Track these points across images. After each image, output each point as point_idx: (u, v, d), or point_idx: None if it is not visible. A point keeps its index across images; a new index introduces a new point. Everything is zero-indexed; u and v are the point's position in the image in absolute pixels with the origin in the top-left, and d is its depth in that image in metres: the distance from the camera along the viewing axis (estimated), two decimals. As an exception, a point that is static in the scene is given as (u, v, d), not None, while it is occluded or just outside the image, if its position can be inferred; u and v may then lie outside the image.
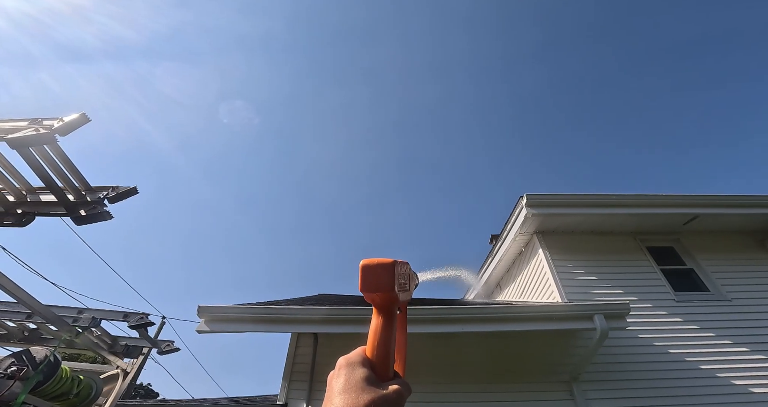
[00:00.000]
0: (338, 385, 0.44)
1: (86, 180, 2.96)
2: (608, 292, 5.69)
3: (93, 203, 3.04)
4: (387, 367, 0.49)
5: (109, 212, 3.08)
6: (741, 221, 6.46)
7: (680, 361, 5.11)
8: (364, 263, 0.50)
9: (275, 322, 4.50)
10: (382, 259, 0.50)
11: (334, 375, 0.47)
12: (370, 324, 0.52)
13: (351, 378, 0.44)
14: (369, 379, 0.45)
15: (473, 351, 4.99)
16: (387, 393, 0.43)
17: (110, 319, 4.04)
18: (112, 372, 4.65)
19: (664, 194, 6.29)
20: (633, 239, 6.50)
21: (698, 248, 6.43)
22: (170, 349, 4.37)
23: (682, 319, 5.51)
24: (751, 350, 5.24)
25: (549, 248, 6.17)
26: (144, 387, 20.05)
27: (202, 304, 4.32)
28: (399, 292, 0.51)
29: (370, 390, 0.43)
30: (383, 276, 0.49)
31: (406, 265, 0.55)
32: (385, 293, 0.50)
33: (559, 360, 4.99)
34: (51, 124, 2.46)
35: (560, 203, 6.14)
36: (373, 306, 0.52)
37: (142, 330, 4.12)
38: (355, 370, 0.45)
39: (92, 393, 4.24)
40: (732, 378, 4.97)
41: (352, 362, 0.47)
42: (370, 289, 0.50)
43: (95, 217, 3.03)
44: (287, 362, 4.92)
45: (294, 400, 4.65)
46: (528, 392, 4.76)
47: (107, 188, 3.08)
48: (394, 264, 0.50)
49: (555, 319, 4.61)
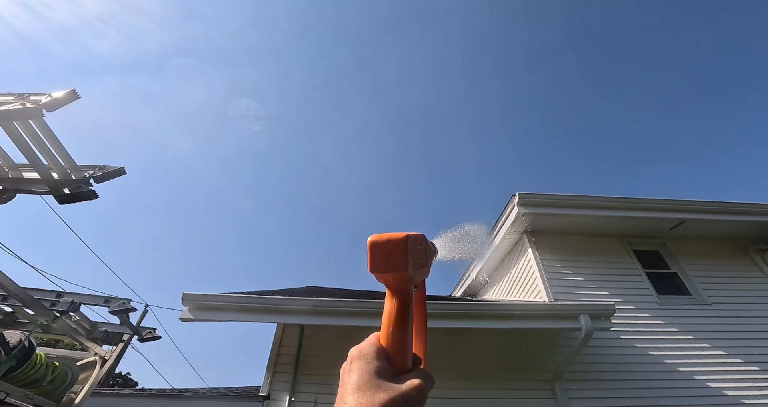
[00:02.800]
0: (351, 381, 0.39)
1: (72, 158, 2.89)
2: (594, 293, 5.83)
3: (78, 182, 2.97)
4: (404, 357, 0.43)
5: (94, 191, 3.02)
6: (725, 228, 6.68)
7: (659, 363, 5.28)
8: (373, 239, 0.44)
9: (261, 312, 4.49)
10: (392, 234, 0.43)
11: (346, 368, 0.42)
12: (384, 308, 0.46)
13: (365, 373, 0.39)
14: (385, 373, 0.40)
15: (459, 348, 5.07)
16: (406, 389, 0.38)
17: (90, 304, 3.97)
18: (89, 359, 4.57)
19: (653, 198, 6.45)
20: (621, 242, 6.66)
21: (683, 253, 6.63)
22: (151, 336, 4.32)
23: (664, 322, 5.69)
24: (727, 353, 5.45)
25: (538, 247, 6.28)
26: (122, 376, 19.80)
27: (187, 291, 4.28)
28: (414, 270, 0.45)
29: (387, 386, 0.38)
30: (395, 254, 0.43)
31: (421, 238, 0.48)
32: (398, 272, 0.44)
33: (543, 358, 5.11)
34: (38, 99, 2.40)
35: (551, 203, 6.25)
36: (386, 288, 0.46)
37: (123, 316, 4.07)
38: (369, 363, 0.40)
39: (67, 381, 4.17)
40: (707, 381, 5.16)
41: (365, 353, 0.42)
42: (381, 269, 0.43)
43: (79, 196, 2.97)
44: (271, 353, 4.92)
45: (277, 392, 4.66)
46: (512, 389, 4.87)
47: (94, 167, 3.02)
48: (406, 239, 0.43)
49: (542, 318, 4.72)
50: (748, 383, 5.18)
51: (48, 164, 2.78)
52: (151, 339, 4.33)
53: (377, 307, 4.52)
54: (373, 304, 4.53)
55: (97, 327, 4.34)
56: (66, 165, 2.88)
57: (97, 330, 4.33)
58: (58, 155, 2.77)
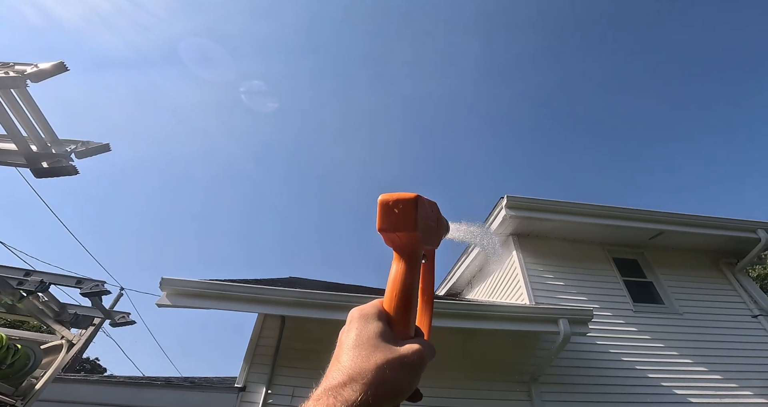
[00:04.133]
0: (348, 340, 0.38)
1: (54, 132, 2.75)
2: (573, 298, 6.00)
3: (58, 156, 2.84)
4: (407, 322, 0.42)
5: (75, 167, 2.89)
6: (700, 241, 6.97)
7: (631, 369, 5.50)
8: (383, 198, 0.43)
9: (242, 301, 4.42)
10: (402, 193, 0.43)
11: (345, 329, 0.41)
12: (390, 271, 0.44)
13: (363, 333, 0.38)
14: (384, 335, 0.38)
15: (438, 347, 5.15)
16: (405, 353, 0.37)
17: (61, 284, 3.81)
18: (55, 343, 4.40)
19: (636, 209, 6.67)
20: (602, 249, 6.87)
21: (659, 263, 6.89)
22: (125, 321, 4.20)
23: (637, 329, 5.92)
24: (693, 362, 5.72)
25: (523, 250, 6.41)
26: (90, 361, 19.22)
27: (166, 276, 4.18)
28: (424, 233, 0.44)
29: (385, 347, 0.36)
30: (404, 213, 0.42)
31: (433, 204, 0.48)
32: (407, 232, 0.43)
33: (521, 361, 5.23)
34: (23, 69, 2.27)
35: (539, 207, 6.37)
36: (394, 250, 0.45)
37: (95, 298, 3.93)
38: (369, 324, 0.39)
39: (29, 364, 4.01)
40: (673, 388, 5.41)
41: (365, 314, 0.41)
42: (390, 228, 0.43)
43: (58, 170, 2.83)
44: (250, 344, 4.86)
45: (253, 383, 4.61)
46: (488, 390, 4.97)
47: (76, 142, 2.88)
48: (416, 199, 0.43)
49: (523, 320, 4.83)
50: (711, 391, 5.46)
51: (27, 136, 2.64)
52: (124, 324, 4.21)
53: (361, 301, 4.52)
54: (358, 298, 4.53)
55: (66, 309, 4.18)
56: (46, 138, 2.74)
57: (66, 313, 4.18)
58: (39, 128, 2.64)
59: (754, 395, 5.49)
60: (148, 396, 4.75)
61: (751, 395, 5.49)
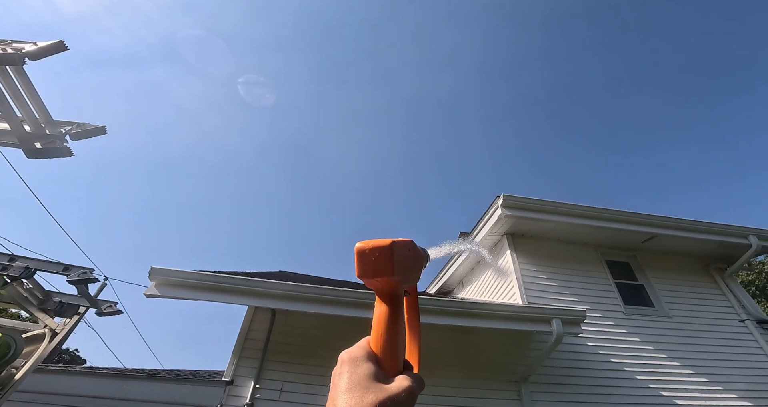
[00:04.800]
0: (342, 384, 0.41)
1: (48, 113, 2.73)
2: (565, 299, 6.12)
3: (52, 137, 2.82)
4: (395, 360, 0.46)
5: (69, 148, 2.87)
6: (692, 245, 7.15)
7: (620, 370, 5.63)
8: (359, 246, 0.47)
9: (233, 293, 4.41)
10: (378, 240, 0.47)
11: (337, 372, 0.45)
12: (374, 313, 0.49)
13: (354, 375, 0.41)
14: (375, 375, 0.42)
15: (430, 345, 5.21)
16: (395, 390, 0.40)
17: (47, 271, 3.79)
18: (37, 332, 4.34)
19: (630, 211, 6.81)
20: (594, 251, 7.01)
21: (651, 266, 7.06)
22: (112, 311, 4.18)
23: (627, 331, 6.06)
24: (681, 364, 5.88)
25: (516, 250, 6.51)
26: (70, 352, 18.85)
27: (156, 265, 4.16)
28: (401, 275, 0.48)
29: (376, 387, 0.40)
30: (381, 260, 0.46)
31: (408, 243, 0.51)
32: (386, 277, 0.47)
33: (512, 360, 5.32)
34: (21, 47, 2.25)
35: (534, 207, 6.48)
36: (375, 293, 0.49)
37: (82, 286, 3.91)
38: (359, 366, 0.43)
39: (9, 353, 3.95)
40: (661, 390, 5.55)
41: (354, 357, 0.44)
42: (368, 274, 0.46)
43: (52, 151, 2.82)
44: (239, 337, 4.86)
45: (241, 377, 4.61)
46: (479, 389, 5.04)
47: (72, 124, 2.86)
48: (391, 246, 0.47)
49: (517, 319, 4.91)
50: (697, 393, 5.62)
51: (21, 117, 2.62)
52: (111, 314, 4.19)
53: (355, 296, 4.55)
54: (352, 293, 4.56)
55: (51, 297, 4.14)
56: (41, 119, 2.72)
57: (50, 301, 4.14)
58: (34, 108, 2.62)
59: (738, 398, 5.67)
60: (132, 388, 4.72)
61: (736, 398, 5.67)
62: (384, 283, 0.48)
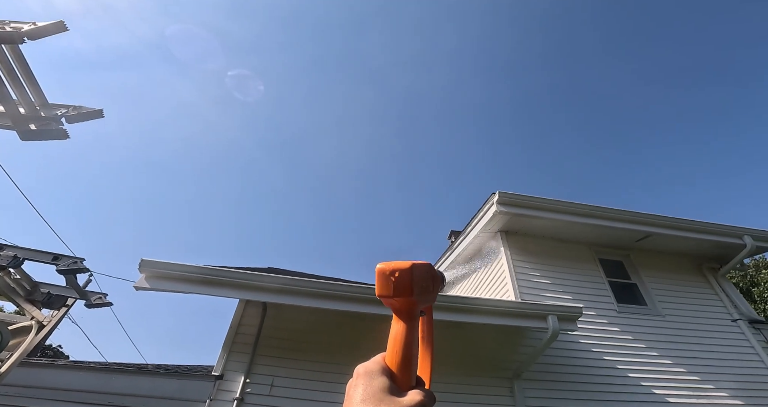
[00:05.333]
0: (356, 396, 0.44)
1: (44, 94, 2.76)
2: (559, 296, 6.20)
3: (47, 119, 2.84)
4: (408, 376, 0.49)
5: (65, 130, 2.89)
6: (685, 245, 7.27)
7: (612, 368, 5.71)
8: (380, 267, 0.51)
9: (224, 286, 4.42)
10: (398, 262, 0.51)
11: (352, 384, 0.47)
12: (391, 330, 0.52)
13: (369, 388, 0.45)
14: (389, 389, 0.45)
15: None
16: (407, 404, 0.43)
17: (36, 260, 3.78)
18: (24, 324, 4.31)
19: (624, 210, 6.92)
20: (588, 249, 7.11)
21: (644, 265, 7.17)
22: (101, 302, 4.17)
23: (620, 329, 6.15)
24: (673, 363, 5.98)
25: (510, 247, 6.59)
26: (53, 348, 18.57)
27: (146, 258, 4.17)
28: (419, 296, 0.52)
29: (390, 400, 0.43)
30: (401, 281, 0.50)
31: (427, 266, 0.55)
32: (404, 297, 0.51)
33: (507, 356, 5.37)
34: (20, 26, 2.28)
35: (529, 205, 6.56)
36: (393, 311, 0.53)
37: (71, 276, 3.90)
38: (374, 379, 0.46)
39: (-5, 346, 3.95)
40: (653, 388, 5.64)
41: (370, 370, 0.48)
42: (388, 294, 0.50)
43: (47, 133, 2.83)
44: (230, 331, 4.86)
45: (231, 372, 4.61)
46: (473, 385, 5.08)
47: (68, 107, 2.89)
48: (411, 268, 0.51)
49: (513, 315, 4.97)
50: (688, 391, 5.72)
51: (17, 100, 2.64)
52: (100, 306, 4.18)
53: (347, 290, 4.59)
54: (344, 287, 4.60)
55: (39, 288, 4.12)
56: (36, 101, 2.74)
57: (38, 291, 4.12)
58: (30, 89, 2.64)
59: (729, 396, 5.77)
60: (118, 382, 4.71)
61: (727, 396, 5.77)
62: (402, 303, 0.51)
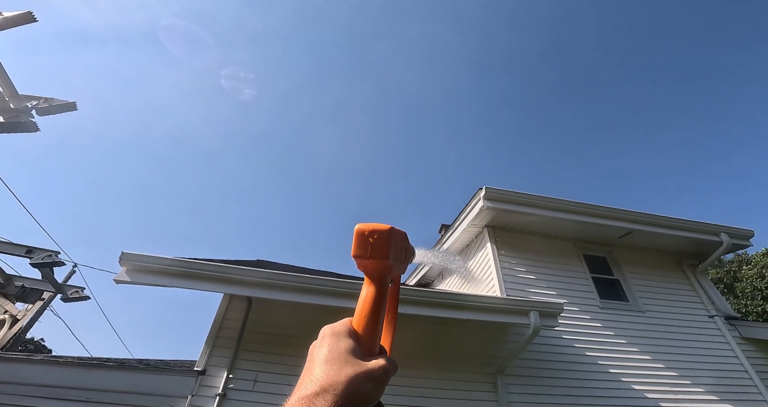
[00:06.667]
0: (320, 355, 0.44)
1: (13, 86, 2.67)
2: (543, 292, 6.33)
3: (17, 111, 2.75)
4: (374, 340, 0.49)
5: (35, 123, 2.81)
6: (666, 242, 7.48)
7: (594, 364, 5.88)
8: (359, 227, 0.51)
9: (208, 280, 4.40)
10: (378, 224, 0.51)
11: (317, 344, 0.48)
12: (360, 294, 0.52)
13: (334, 349, 0.45)
14: (354, 351, 0.45)
15: (408, 335, 5.31)
16: (372, 367, 0.44)
17: (8, 253, 3.68)
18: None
19: (608, 206, 7.07)
20: (573, 245, 7.26)
21: (626, 262, 7.36)
22: (78, 296, 4.10)
23: (602, 325, 6.33)
24: (652, 359, 6.18)
25: (497, 243, 6.68)
26: (35, 342, 18.28)
27: (126, 251, 4.12)
28: (394, 262, 0.52)
29: (354, 362, 0.43)
30: (378, 243, 0.50)
31: (404, 234, 0.55)
32: (380, 260, 0.50)
33: (489, 352, 5.48)
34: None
35: (516, 200, 6.65)
36: (365, 275, 0.53)
37: (47, 270, 3.82)
38: (340, 341, 0.46)
39: (-35, 339, 3.88)
40: (632, 383, 5.83)
41: (337, 331, 0.48)
42: (364, 255, 0.50)
43: (16, 126, 2.75)
44: (213, 326, 4.84)
45: (214, 367, 4.60)
46: (455, 381, 5.17)
47: (39, 99, 2.80)
48: (390, 232, 0.51)
49: (495, 311, 5.05)
50: (666, 387, 5.92)
51: (-15, 87, 2.55)
52: (77, 300, 4.11)
53: (332, 285, 4.60)
54: (329, 282, 4.61)
55: (12, 281, 4.03)
56: (5, 92, 2.65)
57: (11, 285, 4.03)
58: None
59: (705, 392, 6.01)
60: (98, 378, 4.66)
61: (703, 392, 6.00)
62: (377, 265, 0.51)
